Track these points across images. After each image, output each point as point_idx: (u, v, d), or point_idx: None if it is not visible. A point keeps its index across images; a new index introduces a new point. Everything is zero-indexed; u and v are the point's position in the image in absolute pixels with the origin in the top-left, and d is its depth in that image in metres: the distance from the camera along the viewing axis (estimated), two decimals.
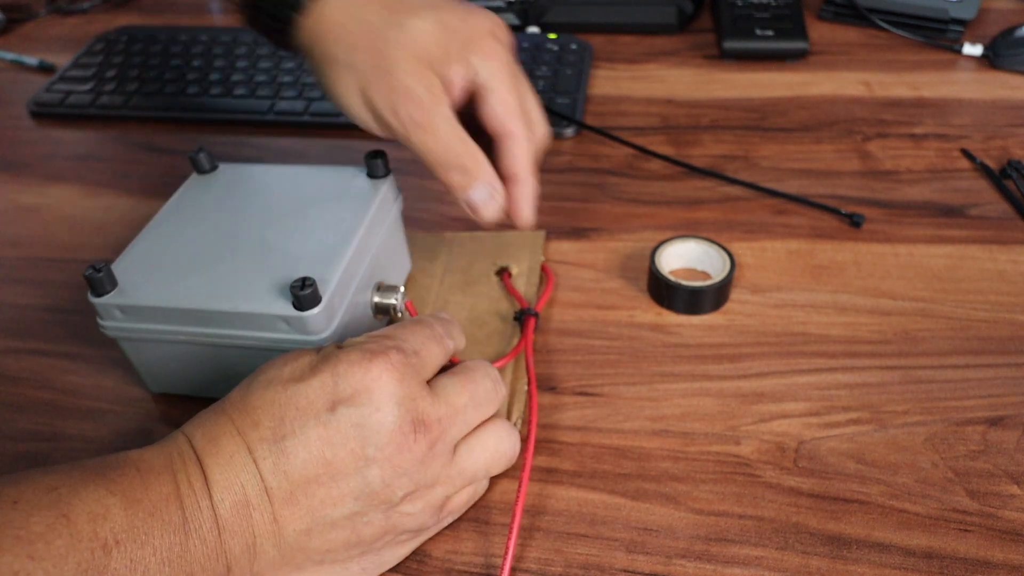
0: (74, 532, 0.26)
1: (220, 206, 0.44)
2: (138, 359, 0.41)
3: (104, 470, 0.29)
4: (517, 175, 0.41)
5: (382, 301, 0.43)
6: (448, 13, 0.39)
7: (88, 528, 0.26)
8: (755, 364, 0.43)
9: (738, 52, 0.71)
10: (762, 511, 0.36)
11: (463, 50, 0.39)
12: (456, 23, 0.39)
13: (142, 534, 0.27)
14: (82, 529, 0.26)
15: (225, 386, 0.41)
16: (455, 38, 0.39)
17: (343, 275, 0.39)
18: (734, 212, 0.54)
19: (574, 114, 0.63)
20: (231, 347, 0.39)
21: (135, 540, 0.27)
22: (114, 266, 0.39)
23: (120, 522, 0.27)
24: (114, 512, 0.27)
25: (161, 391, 0.43)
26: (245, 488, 0.29)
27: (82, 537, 0.26)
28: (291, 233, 0.41)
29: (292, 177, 0.45)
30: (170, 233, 0.42)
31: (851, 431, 0.40)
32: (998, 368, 0.42)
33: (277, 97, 0.67)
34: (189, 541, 0.28)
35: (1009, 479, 0.37)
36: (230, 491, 0.29)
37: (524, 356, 0.44)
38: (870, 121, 0.63)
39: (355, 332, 0.40)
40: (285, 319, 0.37)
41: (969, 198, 0.55)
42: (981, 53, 0.70)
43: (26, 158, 0.65)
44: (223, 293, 0.38)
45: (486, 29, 0.40)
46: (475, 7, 0.41)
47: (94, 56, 0.74)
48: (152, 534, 0.27)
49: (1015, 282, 0.48)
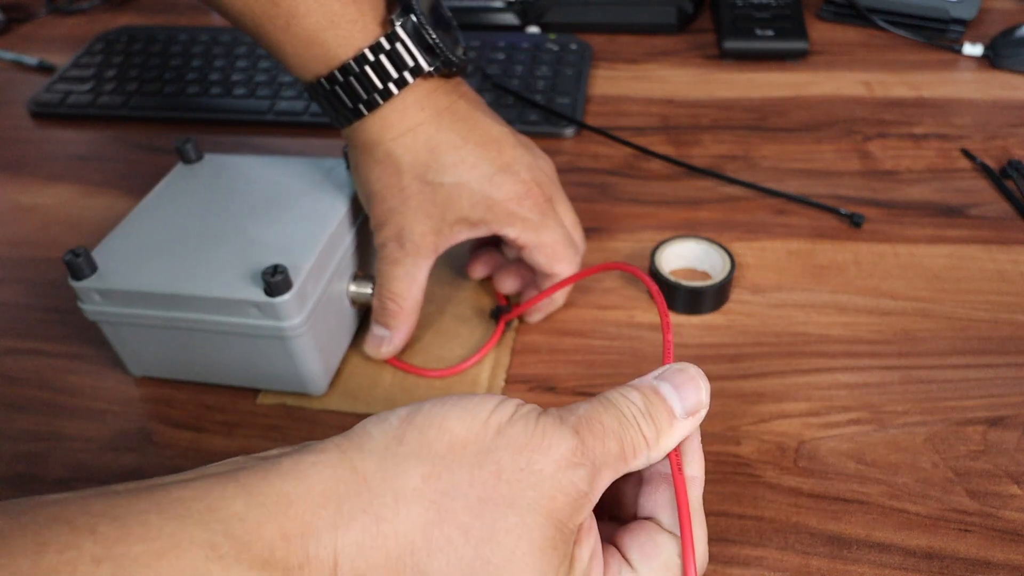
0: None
1: (203, 195, 0.45)
2: (118, 342, 0.42)
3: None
4: (556, 300, 0.46)
5: (358, 291, 0.44)
6: (486, 180, 0.41)
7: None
8: (755, 364, 0.43)
9: (738, 52, 0.71)
10: (762, 511, 0.36)
11: (494, 221, 0.42)
12: (490, 190, 0.41)
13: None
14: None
15: (203, 369, 0.42)
16: (489, 210, 0.41)
17: (315, 263, 0.39)
18: (734, 212, 0.54)
19: (574, 114, 0.63)
20: (207, 332, 0.40)
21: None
22: (95, 251, 0.41)
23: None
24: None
25: (143, 374, 0.44)
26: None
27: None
28: (269, 222, 0.42)
29: (274, 168, 0.47)
30: (152, 220, 0.43)
31: (851, 431, 0.40)
32: (998, 368, 0.42)
33: (277, 97, 0.67)
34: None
35: (1009, 479, 0.37)
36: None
37: (505, 352, 0.45)
38: (870, 121, 0.63)
39: (328, 320, 0.41)
40: (256, 305, 0.38)
41: (969, 198, 0.55)
42: (981, 53, 0.70)
43: (26, 158, 0.65)
44: (198, 278, 0.39)
45: (515, 195, 0.41)
46: (516, 157, 0.42)
47: (94, 56, 0.74)
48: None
49: (1015, 282, 0.48)
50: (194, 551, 0.21)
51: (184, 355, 0.42)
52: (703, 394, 0.29)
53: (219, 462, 0.26)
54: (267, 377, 0.42)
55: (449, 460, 0.25)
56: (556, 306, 0.47)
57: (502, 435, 0.26)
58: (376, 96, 0.39)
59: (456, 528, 0.24)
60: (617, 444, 0.27)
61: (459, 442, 0.25)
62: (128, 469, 0.40)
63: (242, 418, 0.42)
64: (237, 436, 0.41)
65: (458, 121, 0.41)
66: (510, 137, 0.43)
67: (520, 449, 0.25)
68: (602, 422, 0.27)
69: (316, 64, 0.40)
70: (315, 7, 0.38)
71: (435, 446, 0.25)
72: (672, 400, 0.28)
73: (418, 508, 0.24)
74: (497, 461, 0.25)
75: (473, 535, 0.24)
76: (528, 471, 0.25)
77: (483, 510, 0.24)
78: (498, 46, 0.71)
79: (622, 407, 0.28)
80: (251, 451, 0.40)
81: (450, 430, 0.26)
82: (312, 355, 0.40)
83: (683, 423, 0.28)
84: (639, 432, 0.27)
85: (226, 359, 0.41)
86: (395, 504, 0.24)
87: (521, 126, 0.62)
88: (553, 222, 0.43)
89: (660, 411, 0.28)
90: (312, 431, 0.41)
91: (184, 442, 0.41)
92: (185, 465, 0.40)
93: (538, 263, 0.43)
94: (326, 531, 0.23)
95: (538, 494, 0.25)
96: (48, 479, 0.40)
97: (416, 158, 0.40)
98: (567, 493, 0.25)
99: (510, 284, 0.48)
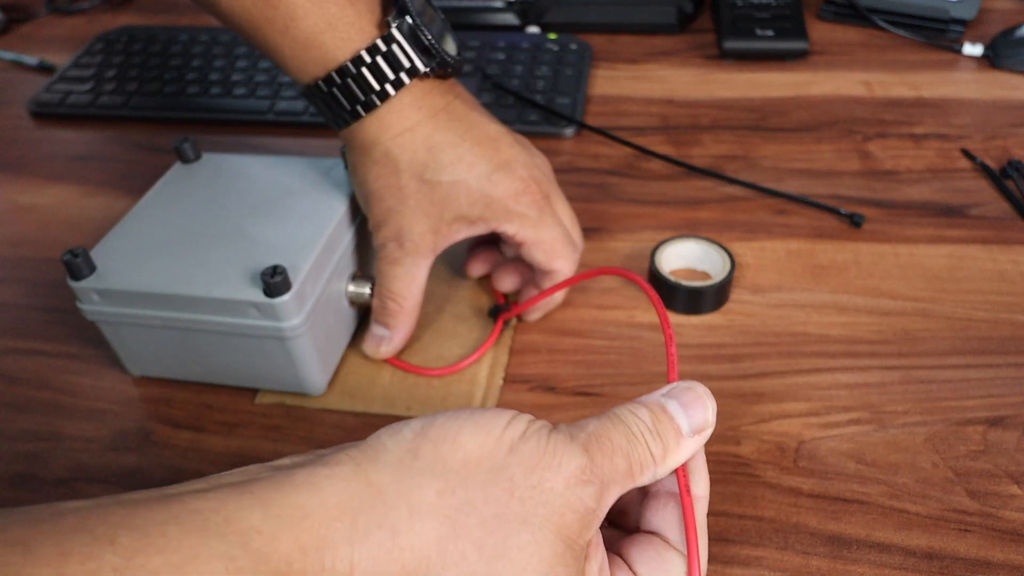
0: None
1: (201, 195, 0.45)
2: (117, 342, 0.42)
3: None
4: (555, 299, 0.46)
5: (356, 291, 0.44)
6: (484, 178, 0.41)
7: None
8: (755, 364, 0.43)
9: (738, 52, 0.71)
10: (762, 511, 0.36)
11: (492, 218, 0.42)
12: (488, 187, 0.41)
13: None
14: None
15: (202, 370, 0.42)
16: (488, 208, 0.41)
17: (315, 264, 0.39)
18: (734, 212, 0.54)
19: (574, 114, 0.63)
20: (206, 332, 0.40)
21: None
22: (93, 251, 0.41)
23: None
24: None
25: (141, 374, 0.44)
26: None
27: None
28: (267, 222, 0.42)
29: (272, 168, 0.47)
30: (151, 220, 0.43)
31: (851, 431, 0.40)
32: (998, 368, 0.42)
33: (277, 97, 0.67)
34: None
35: (1009, 479, 0.37)
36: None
37: (503, 351, 0.45)
38: (870, 121, 0.63)
39: (327, 320, 0.41)
40: (255, 305, 0.38)
41: (969, 198, 0.54)
42: (981, 53, 0.70)
43: (26, 158, 0.65)
44: (197, 279, 0.39)
45: (513, 191, 0.41)
46: (514, 155, 0.42)
47: (94, 56, 0.74)
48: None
49: (1015, 282, 0.48)
50: (213, 563, 0.22)
51: (183, 355, 0.42)
52: (710, 413, 0.29)
53: (232, 471, 0.26)
54: (266, 377, 0.42)
55: (463, 476, 0.25)
56: (554, 304, 0.47)
57: (515, 452, 0.26)
58: (373, 97, 0.39)
59: (470, 544, 0.24)
60: (625, 461, 0.27)
61: (473, 459, 0.26)
62: (128, 469, 0.40)
63: (241, 418, 0.42)
64: (236, 436, 0.41)
65: (455, 120, 0.41)
66: (507, 136, 0.43)
67: (532, 467, 0.26)
68: (611, 439, 0.27)
69: (314, 66, 0.40)
70: (313, 10, 0.38)
71: (449, 462, 0.26)
72: (679, 418, 0.29)
73: (433, 523, 0.24)
74: (510, 479, 0.25)
75: (487, 551, 0.24)
76: (540, 489, 0.25)
77: (496, 527, 0.25)
78: (498, 46, 0.71)
79: (630, 424, 0.28)
80: (250, 450, 0.40)
81: (463, 446, 0.26)
82: (311, 355, 0.40)
83: (689, 441, 0.29)
84: (647, 449, 0.28)
85: (225, 359, 0.41)
86: (410, 519, 0.24)
87: (521, 126, 0.62)
88: (551, 219, 0.43)
89: (667, 429, 0.28)
90: (311, 430, 0.41)
91: (184, 442, 0.41)
92: (185, 465, 0.40)
93: (537, 260, 0.43)
94: (342, 544, 0.23)
95: (549, 511, 0.25)
96: (48, 479, 0.40)
97: (414, 157, 0.40)
98: (576, 510, 0.26)
99: (509, 282, 0.48)
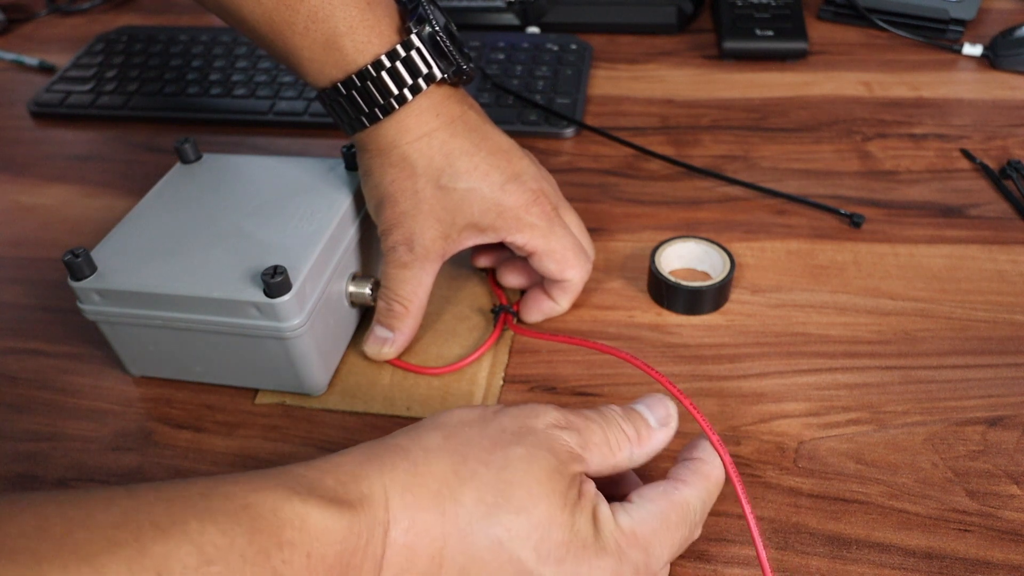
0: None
1: (201, 195, 0.45)
2: (117, 342, 0.42)
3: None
4: (560, 306, 0.46)
5: (357, 291, 0.44)
6: (497, 188, 0.42)
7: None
8: (755, 364, 0.43)
9: (738, 52, 0.71)
10: (762, 511, 0.36)
11: (503, 227, 0.42)
12: (501, 197, 0.42)
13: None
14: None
15: (202, 370, 0.42)
16: (499, 217, 0.42)
17: (315, 264, 0.40)
18: (734, 212, 0.54)
19: (574, 114, 0.63)
20: (206, 332, 0.40)
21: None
22: (94, 252, 0.41)
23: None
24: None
25: (141, 374, 0.44)
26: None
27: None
28: (268, 222, 0.42)
29: (272, 168, 0.47)
30: (151, 220, 0.43)
31: (851, 431, 0.40)
32: (998, 368, 0.42)
33: (277, 97, 0.67)
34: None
35: (1009, 479, 0.37)
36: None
37: (503, 351, 0.45)
38: (870, 121, 0.63)
39: (328, 320, 0.41)
40: (256, 305, 0.38)
41: (969, 198, 0.55)
42: (981, 53, 0.70)
43: (26, 158, 0.65)
44: (197, 279, 0.39)
45: (524, 202, 0.42)
46: (524, 167, 0.43)
47: (94, 56, 0.74)
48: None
49: (1015, 282, 0.48)
50: (278, 491, 0.27)
51: (183, 355, 0.42)
52: (671, 408, 0.34)
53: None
54: (266, 377, 0.42)
55: (461, 427, 0.31)
56: (558, 312, 0.47)
57: (500, 412, 0.32)
58: (392, 101, 0.40)
59: (478, 462, 0.30)
60: (601, 433, 0.32)
61: (467, 419, 0.32)
62: (128, 469, 0.40)
63: (241, 418, 0.42)
64: (237, 436, 0.41)
65: (471, 130, 0.42)
66: (517, 149, 0.44)
67: (516, 417, 0.32)
68: (585, 415, 0.33)
69: (333, 69, 0.40)
70: (334, 12, 0.39)
71: (448, 422, 0.32)
72: (646, 414, 0.34)
73: (445, 456, 0.30)
74: (499, 424, 0.31)
75: (493, 465, 0.30)
76: (526, 428, 0.31)
77: (495, 448, 0.30)
78: (498, 46, 0.71)
79: (603, 410, 0.34)
80: (250, 450, 0.40)
81: (457, 413, 0.32)
82: (311, 355, 0.40)
83: (660, 432, 0.34)
84: (620, 429, 0.33)
85: (225, 359, 0.41)
86: (426, 456, 0.30)
87: (521, 126, 0.62)
88: (561, 229, 0.43)
89: (636, 418, 0.34)
90: (311, 430, 0.41)
91: (184, 442, 0.41)
92: (185, 465, 0.40)
93: (549, 270, 0.44)
94: (375, 475, 0.29)
95: (537, 439, 0.31)
96: (48, 479, 0.40)
97: (431, 163, 0.41)
98: (560, 445, 0.31)
99: (514, 279, 0.48)
